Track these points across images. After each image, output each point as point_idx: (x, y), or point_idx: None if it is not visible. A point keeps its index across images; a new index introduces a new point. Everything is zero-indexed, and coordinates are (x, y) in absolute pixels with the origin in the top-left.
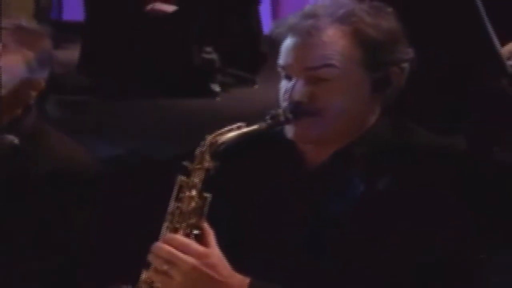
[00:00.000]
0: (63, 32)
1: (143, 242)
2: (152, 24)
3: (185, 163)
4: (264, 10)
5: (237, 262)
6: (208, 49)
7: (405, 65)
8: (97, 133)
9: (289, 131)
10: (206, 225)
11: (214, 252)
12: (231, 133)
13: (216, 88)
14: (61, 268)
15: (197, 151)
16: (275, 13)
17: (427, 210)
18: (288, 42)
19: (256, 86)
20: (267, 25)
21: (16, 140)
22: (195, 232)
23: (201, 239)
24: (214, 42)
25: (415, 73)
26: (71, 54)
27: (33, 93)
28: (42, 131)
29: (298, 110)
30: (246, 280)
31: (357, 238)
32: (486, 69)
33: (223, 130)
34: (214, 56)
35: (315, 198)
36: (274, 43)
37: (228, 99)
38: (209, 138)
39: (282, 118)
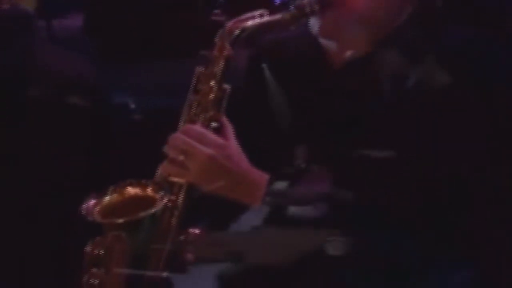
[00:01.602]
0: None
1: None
2: None
3: (203, 52)
4: None
5: (254, 161)
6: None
7: None
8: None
9: (315, 25)
10: (224, 119)
11: (232, 144)
12: (252, 21)
13: None
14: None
15: (216, 38)
16: None
17: (455, 111)
18: None
19: None
20: None
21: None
22: (214, 125)
23: (219, 132)
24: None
25: None
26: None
27: None
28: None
29: (325, 1)
30: (266, 176)
31: (382, 138)
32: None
33: (244, 17)
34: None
35: (339, 97)
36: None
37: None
38: (229, 25)
39: (307, 10)
